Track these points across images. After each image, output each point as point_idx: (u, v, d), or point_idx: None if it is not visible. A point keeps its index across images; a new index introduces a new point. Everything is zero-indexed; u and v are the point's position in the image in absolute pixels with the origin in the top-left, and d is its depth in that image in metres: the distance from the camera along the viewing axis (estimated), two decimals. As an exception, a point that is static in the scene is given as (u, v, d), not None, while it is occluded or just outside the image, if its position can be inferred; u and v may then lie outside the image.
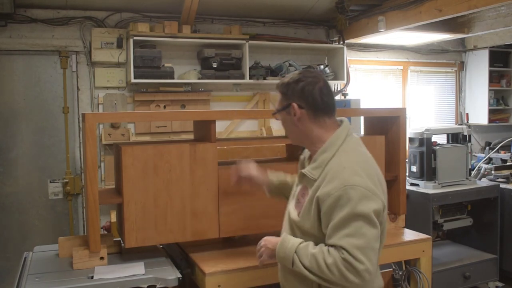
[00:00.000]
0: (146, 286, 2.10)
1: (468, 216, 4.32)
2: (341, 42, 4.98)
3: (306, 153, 1.88)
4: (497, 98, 5.96)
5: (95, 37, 4.13)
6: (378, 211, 1.59)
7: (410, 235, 2.74)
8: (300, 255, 1.64)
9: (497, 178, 4.49)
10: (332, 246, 1.58)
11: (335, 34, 5.01)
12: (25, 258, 2.45)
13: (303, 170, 1.75)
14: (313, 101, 1.71)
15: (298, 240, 1.69)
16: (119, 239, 2.49)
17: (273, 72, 4.58)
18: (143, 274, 2.14)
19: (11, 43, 4.00)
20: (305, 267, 1.62)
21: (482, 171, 4.69)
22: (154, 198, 2.29)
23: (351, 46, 5.21)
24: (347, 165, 1.63)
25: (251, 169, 2.13)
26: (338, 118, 1.80)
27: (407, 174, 3.84)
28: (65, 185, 4.17)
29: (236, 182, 2.15)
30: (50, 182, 4.16)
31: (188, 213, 2.36)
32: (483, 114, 5.80)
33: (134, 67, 4.06)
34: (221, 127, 4.58)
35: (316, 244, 1.65)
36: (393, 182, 2.86)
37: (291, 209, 1.80)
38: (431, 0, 3.88)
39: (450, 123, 5.99)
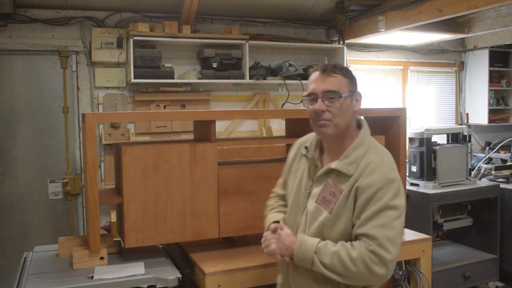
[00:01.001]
0: (146, 286, 2.10)
1: (468, 216, 4.32)
2: (341, 42, 4.98)
3: (311, 152, 1.82)
4: (497, 98, 5.96)
5: (95, 37, 4.13)
6: (404, 208, 1.65)
7: (410, 235, 2.74)
8: (320, 254, 1.62)
9: (497, 178, 4.49)
10: (361, 235, 1.59)
11: (335, 34, 5.01)
12: (25, 258, 2.45)
13: (335, 167, 1.69)
14: (361, 96, 1.79)
15: (316, 239, 1.67)
16: (119, 239, 2.49)
17: (273, 72, 4.57)
18: (143, 274, 2.14)
19: (11, 43, 4.00)
20: (325, 267, 1.61)
21: (482, 171, 4.68)
22: (154, 198, 2.29)
23: (351, 46, 5.21)
24: (385, 160, 1.67)
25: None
26: (356, 117, 1.81)
27: (407, 174, 3.84)
28: (65, 185, 4.16)
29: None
30: (50, 182, 4.16)
31: (188, 213, 2.36)
32: (483, 114, 5.79)
33: (134, 67, 4.06)
34: (221, 127, 4.58)
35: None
36: (393, 182, 2.86)
37: (315, 209, 1.71)
38: (431, 0, 3.88)
39: (450, 123, 5.98)
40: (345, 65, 4.81)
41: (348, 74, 1.73)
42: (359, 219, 1.60)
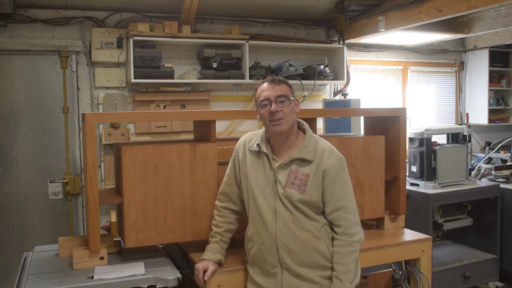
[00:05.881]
0: (146, 286, 2.10)
1: (468, 216, 4.32)
2: (341, 42, 4.98)
3: (263, 148, 2.08)
4: (497, 98, 5.96)
5: (95, 37, 4.13)
6: None
7: (410, 235, 2.74)
8: (347, 274, 1.99)
9: (497, 178, 4.49)
10: (341, 208, 2.02)
11: (335, 34, 5.01)
12: (25, 258, 2.45)
13: (299, 155, 2.03)
14: (299, 101, 2.19)
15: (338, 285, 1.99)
16: (119, 239, 2.49)
17: (273, 72, 4.57)
18: (143, 274, 2.14)
19: (11, 43, 4.00)
20: (351, 268, 2.00)
21: (482, 171, 4.68)
22: (154, 198, 2.29)
23: (351, 46, 5.21)
24: (330, 145, 2.10)
25: (210, 268, 2.14)
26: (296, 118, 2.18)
27: (407, 174, 3.84)
28: (65, 185, 4.17)
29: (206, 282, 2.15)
30: (50, 182, 4.16)
31: (188, 213, 2.36)
32: (483, 114, 5.79)
33: (134, 67, 4.06)
34: (221, 127, 4.58)
35: (315, 212, 2.04)
36: (393, 182, 2.87)
37: (287, 193, 2.01)
38: (431, 0, 3.88)
39: (450, 123, 5.98)
40: (345, 65, 4.83)
41: (288, 84, 2.09)
42: (335, 194, 2.02)
